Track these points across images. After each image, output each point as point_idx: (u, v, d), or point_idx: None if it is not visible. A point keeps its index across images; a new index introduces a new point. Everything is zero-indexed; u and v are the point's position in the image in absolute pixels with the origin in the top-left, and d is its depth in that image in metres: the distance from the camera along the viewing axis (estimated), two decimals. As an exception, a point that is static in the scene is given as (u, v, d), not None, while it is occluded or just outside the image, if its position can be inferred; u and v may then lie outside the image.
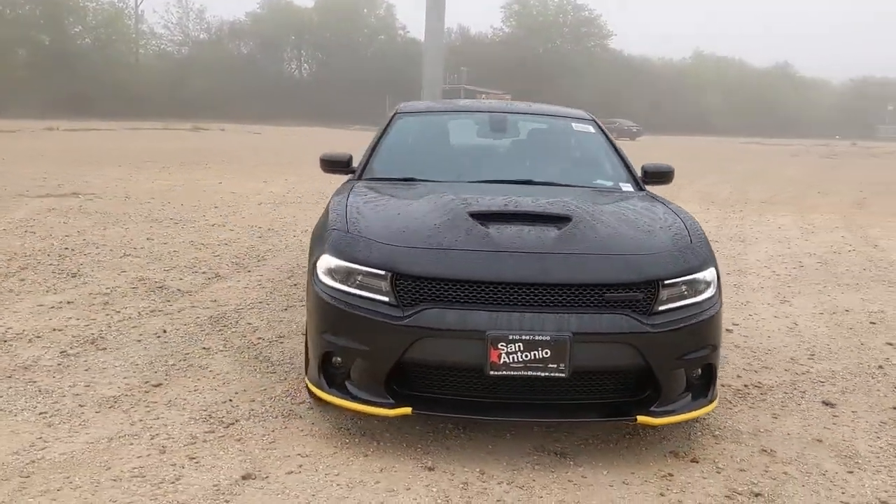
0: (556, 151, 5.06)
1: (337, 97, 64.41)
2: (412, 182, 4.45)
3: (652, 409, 3.29)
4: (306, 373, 3.69)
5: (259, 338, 5.01)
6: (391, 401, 3.28)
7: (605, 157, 4.89)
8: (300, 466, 3.23)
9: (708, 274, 3.47)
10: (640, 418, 3.26)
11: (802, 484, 3.24)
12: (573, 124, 5.16)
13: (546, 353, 3.13)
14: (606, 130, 5.05)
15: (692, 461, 3.39)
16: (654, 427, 3.57)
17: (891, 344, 5.36)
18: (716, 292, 3.51)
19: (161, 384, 4.12)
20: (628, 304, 3.26)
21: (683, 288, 3.38)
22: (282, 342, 4.94)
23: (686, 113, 76.11)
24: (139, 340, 4.87)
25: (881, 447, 3.64)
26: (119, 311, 5.50)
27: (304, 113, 59.28)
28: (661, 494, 3.10)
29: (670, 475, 3.25)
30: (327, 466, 3.24)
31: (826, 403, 4.18)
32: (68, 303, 5.69)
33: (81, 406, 3.79)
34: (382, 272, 3.30)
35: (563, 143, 5.10)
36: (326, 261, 3.47)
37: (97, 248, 7.81)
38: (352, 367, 3.36)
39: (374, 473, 3.19)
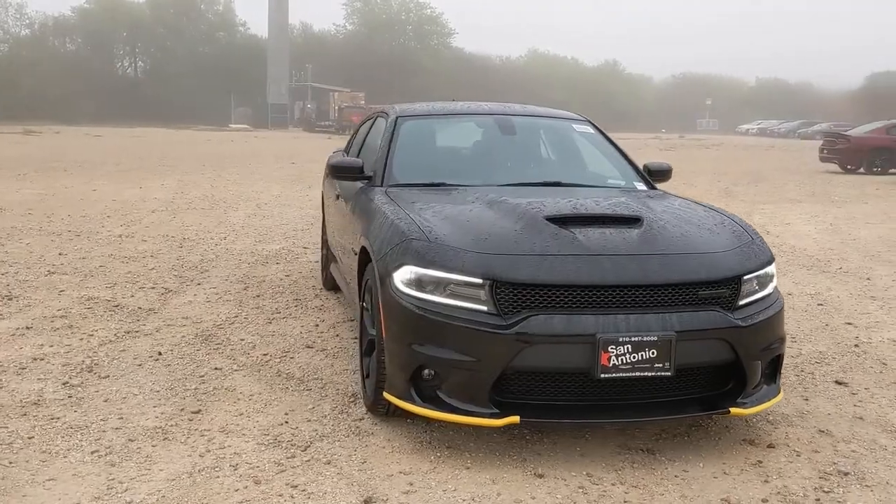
0: (570, 152, 5.12)
1: (177, 96, 61.78)
2: (445, 187, 4.39)
3: (739, 400, 3.42)
4: (375, 387, 3.59)
5: (264, 354, 4.79)
6: (496, 410, 3.24)
7: (613, 156, 5.01)
8: (411, 485, 3.13)
9: (771, 268, 3.66)
10: (733, 410, 3.39)
11: (875, 460, 3.47)
12: (574, 125, 5.25)
13: (653, 353, 3.19)
14: (603, 131, 5.19)
15: (769, 447, 3.55)
16: (742, 417, 3.70)
17: (850, 323, 5.81)
18: (776, 286, 3.70)
19: (200, 410, 3.86)
20: (717, 300, 3.38)
21: (755, 283, 3.54)
22: (291, 357, 4.73)
23: (529, 109, 78.42)
24: (140, 365, 4.53)
25: (913, 418, 3.96)
26: (92, 335, 5.09)
27: (143, 113, 56.40)
28: (766, 481, 3.23)
29: (760, 462, 3.40)
30: (438, 483, 3.15)
31: (839, 383, 4.49)
32: (27, 328, 5.21)
33: (132, 441, 3.49)
34: (480, 280, 3.24)
35: (572, 144, 5.17)
36: (410, 270, 3.37)
37: (10, 266, 7.17)
38: (448, 378, 3.28)
39: (489, 485, 3.14)
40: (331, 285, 6.38)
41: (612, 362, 3.17)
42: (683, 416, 3.47)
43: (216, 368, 4.51)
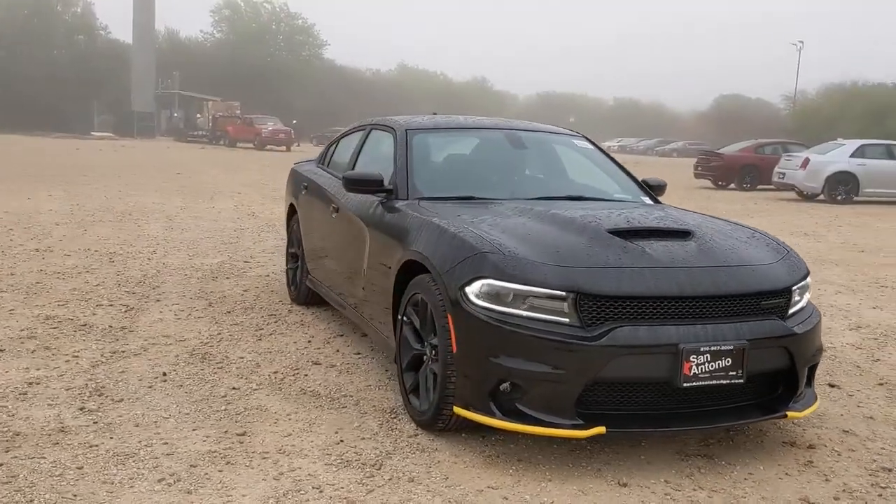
0: (580, 167, 5.23)
1: (31, 102, 58.06)
2: (477, 200, 4.40)
3: (791, 405, 3.62)
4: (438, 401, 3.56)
5: (273, 372, 4.63)
6: (581, 422, 3.28)
7: (615, 171, 5.16)
8: (506, 499, 3.12)
9: (808, 279, 3.89)
10: (790, 414, 3.57)
11: (906, 455, 3.75)
12: (574, 141, 5.37)
13: (728, 361, 3.33)
14: (600, 146, 5.35)
15: (809, 447, 3.76)
16: (794, 420, 3.90)
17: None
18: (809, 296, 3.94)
19: (245, 433, 3.69)
20: (775, 310, 3.56)
21: (798, 293, 3.75)
22: (305, 375, 4.60)
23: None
24: (150, 387, 4.29)
25: (913, 415, 4.29)
26: (78, 356, 4.77)
27: (-8, 120, 52.73)
28: (827, 480, 3.42)
29: (811, 462, 3.59)
30: (531, 496, 3.15)
31: (832, 385, 4.80)
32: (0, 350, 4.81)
33: (194, 466, 3.30)
34: (563, 293, 3.28)
35: (578, 159, 5.28)
36: (486, 284, 3.37)
37: (-64, 283, 6.60)
38: (531, 390, 3.29)
39: (580, 496, 3.17)
40: (304, 300, 6.23)
41: (692, 371, 3.29)
42: (749, 421, 3.61)
43: (233, 388, 4.32)
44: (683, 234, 3.78)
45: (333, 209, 5.26)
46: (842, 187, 19.34)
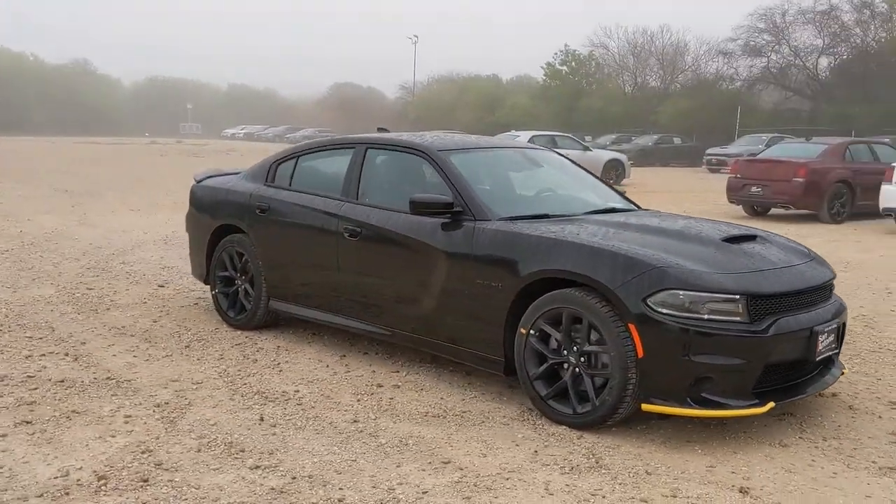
0: (584, 180, 5.79)
1: None
2: (554, 218, 4.79)
3: (841, 370, 4.65)
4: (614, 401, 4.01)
5: (356, 399, 4.61)
6: (757, 401, 3.99)
7: (593, 180, 5.86)
8: (712, 468, 3.72)
9: None
10: (845, 372, 4.63)
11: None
12: (548, 154, 5.96)
13: (832, 338, 4.28)
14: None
15: (879, 417, 4.71)
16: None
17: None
18: None
19: (450, 461, 3.78)
20: (830, 295, 4.57)
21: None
22: (392, 398, 4.65)
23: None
24: (300, 428, 4.08)
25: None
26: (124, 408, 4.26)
27: None
28: (879, 417, 4.54)
29: (853, 407, 4.69)
30: (730, 469, 3.79)
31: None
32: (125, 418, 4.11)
33: (425, 492, 3.40)
34: (737, 296, 3.94)
35: (577, 171, 5.86)
36: (670, 294, 3.90)
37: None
38: (719, 380, 3.91)
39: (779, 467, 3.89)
40: (259, 324, 6.01)
41: (819, 347, 4.18)
42: (836, 380, 4.56)
43: (354, 421, 4.27)
44: (750, 238, 4.64)
45: (348, 232, 5.23)
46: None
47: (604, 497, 3.45)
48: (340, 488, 3.47)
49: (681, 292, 3.92)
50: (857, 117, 34.05)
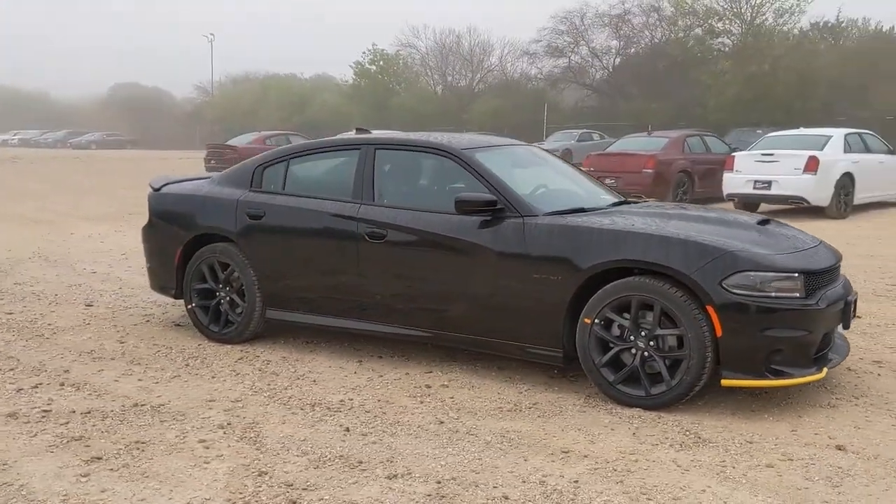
0: (579, 174, 5.98)
1: None
2: (591, 211, 4.97)
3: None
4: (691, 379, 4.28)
5: (397, 405, 4.56)
6: (816, 368, 4.38)
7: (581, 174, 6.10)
8: (794, 431, 4.08)
9: None
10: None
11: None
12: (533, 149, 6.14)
13: (854, 307, 4.77)
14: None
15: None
16: None
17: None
18: None
19: (571, 485, 3.88)
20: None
21: None
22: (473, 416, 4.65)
23: None
24: (343, 440, 3.96)
25: None
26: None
27: None
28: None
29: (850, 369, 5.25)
30: (812, 431, 4.16)
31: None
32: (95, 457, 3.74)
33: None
34: (796, 274, 4.31)
35: (567, 166, 6.06)
36: (744, 276, 4.20)
37: None
38: (787, 351, 4.26)
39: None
40: (251, 336, 5.74)
41: (852, 317, 4.65)
42: (850, 349, 5.04)
43: (440, 422, 4.24)
44: (769, 222, 5.06)
45: (370, 235, 5.13)
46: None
47: (734, 467, 3.69)
48: (494, 486, 3.47)
49: (752, 273, 4.24)
50: (653, 113, 36.90)
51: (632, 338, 4.44)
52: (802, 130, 16.00)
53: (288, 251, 5.54)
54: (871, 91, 31.47)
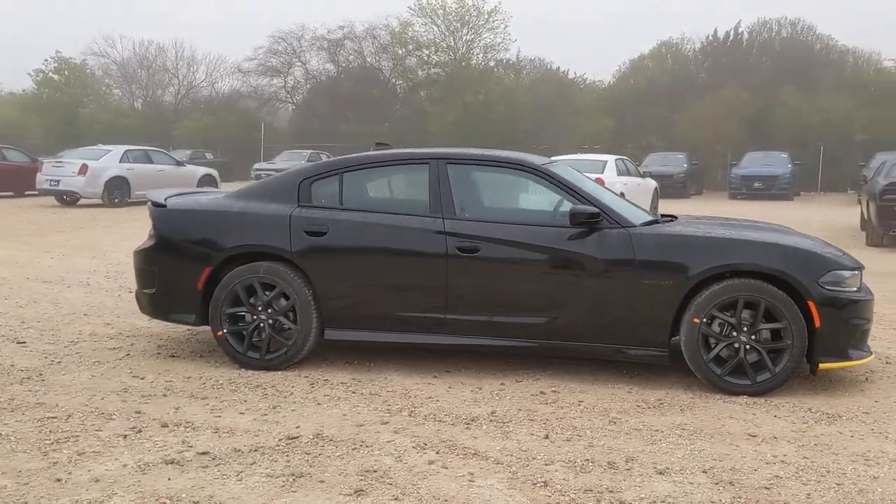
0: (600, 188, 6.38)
1: None
2: (667, 220, 5.50)
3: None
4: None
5: (528, 410, 4.73)
6: (868, 350, 5.26)
7: None
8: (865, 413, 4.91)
9: None
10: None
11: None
12: None
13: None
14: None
15: None
16: None
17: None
18: None
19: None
20: None
21: None
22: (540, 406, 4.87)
23: None
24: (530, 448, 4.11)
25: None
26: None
27: None
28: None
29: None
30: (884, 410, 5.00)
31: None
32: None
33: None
34: (858, 271, 5.20)
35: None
36: (834, 275, 5.01)
37: None
38: (859, 337, 5.09)
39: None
40: (296, 360, 5.43)
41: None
42: None
43: (573, 428, 4.46)
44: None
45: (460, 249, 5.20)
46: (117, 191, 20.12)
47: (862, 438, 4.35)
48: (679, 471, 3.82)
49: (837, 272, 5.04)
50: (375, 135, 38.16)
51: (734, 333, 5.01)
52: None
53: (358, 268, 5.34)
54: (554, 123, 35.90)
